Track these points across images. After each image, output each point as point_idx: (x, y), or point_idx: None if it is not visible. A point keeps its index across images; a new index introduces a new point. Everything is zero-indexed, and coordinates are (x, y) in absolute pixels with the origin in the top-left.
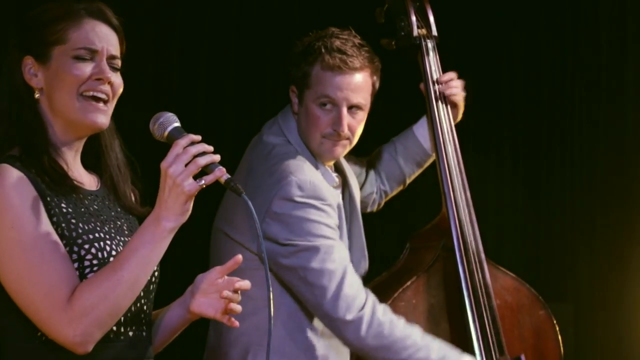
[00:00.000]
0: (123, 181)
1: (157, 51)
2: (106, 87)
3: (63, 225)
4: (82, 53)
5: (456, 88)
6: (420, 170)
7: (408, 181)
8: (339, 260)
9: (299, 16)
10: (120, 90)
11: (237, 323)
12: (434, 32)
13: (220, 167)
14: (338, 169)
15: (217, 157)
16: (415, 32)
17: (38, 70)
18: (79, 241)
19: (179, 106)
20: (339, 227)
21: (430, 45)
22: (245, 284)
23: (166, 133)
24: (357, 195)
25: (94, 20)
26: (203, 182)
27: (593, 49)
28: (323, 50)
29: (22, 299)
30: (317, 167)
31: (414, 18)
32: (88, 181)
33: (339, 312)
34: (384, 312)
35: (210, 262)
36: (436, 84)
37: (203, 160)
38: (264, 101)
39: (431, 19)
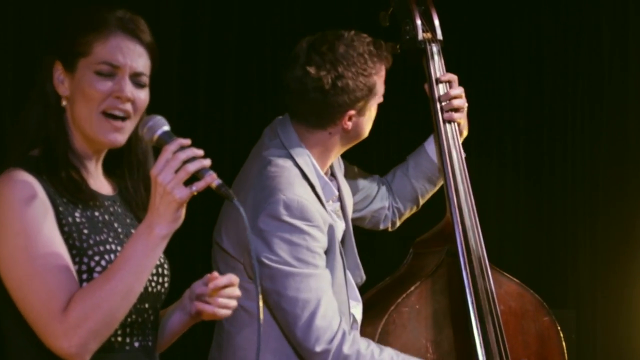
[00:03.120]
0: (142, 193)
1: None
2: (126, 106)
3: (74, 235)
4: (103, 69)
5: (459, 102)
6: (434, 189)
7: (422, 200)
8: (315, 290)
9: (302, 19)
10: (144, 106)
11: (224, 314)
12: (439, 36)
13: (211, 172)
14: (332, 174)
15: (208, 162)
16: (420, 36)
17: (65, 77)
18: (90, 252)
19: (178, 109)
20: (330, 248)
21: (435, 49)
22: (227, 279)
23: (155, 137)
24: (349, 206)
25: (123, 34)
26: (194, 188)
27: (594, 51)
28: (381, 50)
29: (23, 307)
30: (319, 179)
31: (419, 22)
32: (107, 186)
33: (309, 343)
34: (351, 345)
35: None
36: (440, 101)
37: (193, 167)
38: (264, 104)
39: (436, 22)
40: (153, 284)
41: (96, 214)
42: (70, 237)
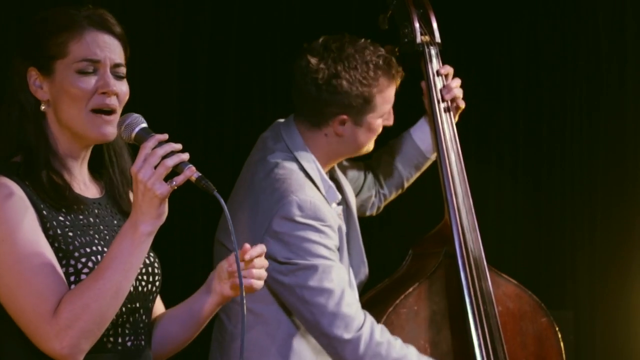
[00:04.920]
0: (125, 187)
1: (156, 55)
2: (112, 100)
3: (60, 238)
4: (84, 66)
5: (458, 90)
6: (418, 174)
7: (406, 185)
8: (337, 281)
9: (301, 22)
10: (127, 97)
11: (260, 285)
12: (438, 39)
13: (190, 165)
14: (332, 177)
15: (186, 156)
16: (419, 39)
17: (43, 82)
18: (76, 254)
19: (178, 112)
20: (340, 248)
21: (433, 52)
22: (260, 248)
23: (133, 135)
24: (352, 202)
25: (95, 30)
26: (174, 183)
27: (592, 52)
28: (392, 70)
29: (13, 311)
30: (323, 183)
31: (417, 25)
32: (93, 188)
33: (337, 330)
34: (381, 332)
35: None
36: (439, 92)
37: (171, 162)
38: (264, 105)
39: (434, 25)
40: (143, 283)
41: (80, 217)
42: (56, 241)
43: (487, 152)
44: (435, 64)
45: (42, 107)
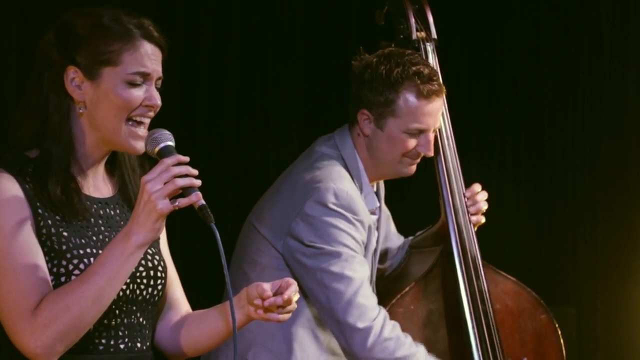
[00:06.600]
0: (138, 182)
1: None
2: (151, 113)
3: (53, 238)
4: (135, 79)
5: (483, 204)
6: None
7: None
8: (359, 271)
9: (298, 18)
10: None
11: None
12: (434, 34)
13: (198, 192)
14: (376, 193)
15: (198, 182)
16: (414, 34)
17: (83, 83)
18: (68, 255)
19: (179, 116)
20: (366, 247)
21: (429, 48)
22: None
23: (157, 149)
24: (383, 224)
25: (147, 42)
26: (177, 203)
27: (594, 51)
28: (417, 79)
29: None
30: (364, 186)
31: (413, 20)
32: (104, 188)
33: (350, 318)
34: (392, 328)
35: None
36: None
37: (182, 182)
38: (264, 106)
39: (431, 21)
40: (142, 286)
41: (80, 217)
42: (49, 240)
43: (489, 150)
44: (431, 60)
45: (79, 109)
